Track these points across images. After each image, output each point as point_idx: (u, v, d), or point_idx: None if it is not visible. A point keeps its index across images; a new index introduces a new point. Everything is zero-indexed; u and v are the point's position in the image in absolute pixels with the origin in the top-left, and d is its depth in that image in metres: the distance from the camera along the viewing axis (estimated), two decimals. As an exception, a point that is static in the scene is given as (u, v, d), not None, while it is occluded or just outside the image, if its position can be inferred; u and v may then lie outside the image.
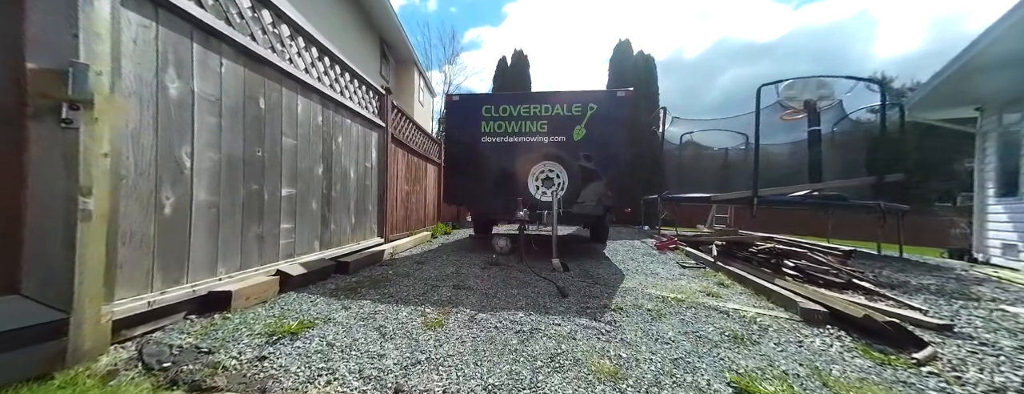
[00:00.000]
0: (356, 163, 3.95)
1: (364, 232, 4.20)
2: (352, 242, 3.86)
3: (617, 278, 3.51)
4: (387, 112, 4.69)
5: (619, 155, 4.44)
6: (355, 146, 3.91)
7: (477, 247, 5.36)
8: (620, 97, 4.44)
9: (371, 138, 4.34)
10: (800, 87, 6.88)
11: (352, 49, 8.74)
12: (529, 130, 4.58)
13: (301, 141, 2.94)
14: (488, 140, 4.64)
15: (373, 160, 4.42)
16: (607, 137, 4.43)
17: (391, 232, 5.01)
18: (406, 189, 5.84)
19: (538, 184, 4.51)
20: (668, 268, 4.17)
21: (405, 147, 5.66)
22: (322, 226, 3.28)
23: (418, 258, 4.28)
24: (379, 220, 4.61)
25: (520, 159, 4.53)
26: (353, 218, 3.89)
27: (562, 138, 4.51)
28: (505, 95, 4.76)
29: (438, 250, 5.02)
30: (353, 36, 9.28)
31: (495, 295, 2.75)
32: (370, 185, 4.34)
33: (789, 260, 4.00)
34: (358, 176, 4.00)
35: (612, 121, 4.43)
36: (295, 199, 2.89)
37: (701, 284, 3.40)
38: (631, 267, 4.17)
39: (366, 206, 4.24)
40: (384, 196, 4.69)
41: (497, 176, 4.61)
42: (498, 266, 3.89)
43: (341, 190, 3.62)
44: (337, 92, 3.52)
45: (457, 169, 4.76)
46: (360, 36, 9.73)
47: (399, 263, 3.93)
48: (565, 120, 4.51)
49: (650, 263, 4.50)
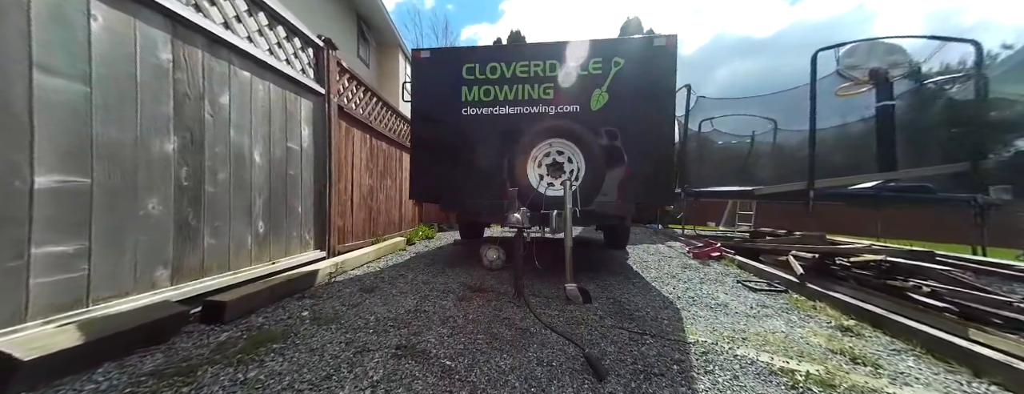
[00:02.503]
0: (266, 141, 2.61)
1: (286, 244, 2.86)
2: (257, 262, 2.52)
3: (672, 319, 2.18)
4: (328, 73, 3.33)
5: (658, 130, 3.10)
6: (262, 115, 2.57)
7: (460, 258, 4.03)
8: (659, 46, 3.10)
9: (299, 107, 2.99)
10: (864, 52, 5.53)
11: (312, 19, 7.34)
12: (529, 97, 3.23)
13: (103, 89, 1.59)
14: (471, 112, 3.30)
15: (304, 139, 3.07)
16: (640, 104, 3.09)
17: (341, 241, 3.67)
18: (369, 183, 4.50)
19: (542, 172, 3.18)
20: (734, 293, 2.84)
21: (366, 128, 4.31)
22: (179, 241, 1.94)
23: (370, 280, 2.95)
24: (318, 226, 3.27)
25: (516, 138, 3.19)
26: (260, 225, 2.55)
27: (575, 107, 3.17)
28: (495, 48, 3.42)
29: (407, 265, 3.68)
30: (317, 3, 7.90)
31: (467, 377, 1.42)
32: (297, 175, 2.99)
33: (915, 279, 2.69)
34: (271, 162, 2.66)
35: (647, 81, 3.09)
36: (85, 195, 1.55)
37: (813, 329, 2.07)
38: (679, 291, 2.84)
39: (290, 206, 2.89)
40: (326, 192, 3.34)
41: (483, 162, 3.27)
42: (483, 295, 2.56)
43: (229, 182, 2.28)
44: (204, 16, 2.17)
45: (427, 154, 3.41)
46: (324, 3, 8.33)
47: (336, 291, 2.60)
48: (579, 81, 3.17)
49: (700, 283, 3.17)
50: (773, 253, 3.63)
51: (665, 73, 3.09)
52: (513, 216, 2.52)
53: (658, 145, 3.09)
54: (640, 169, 3.09)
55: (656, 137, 3.09)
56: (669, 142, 3.12)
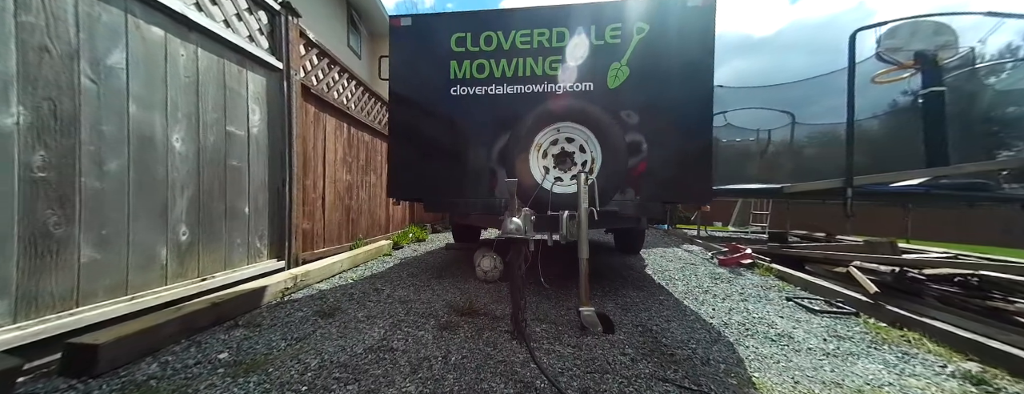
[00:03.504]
0: (191, 123, 2.02)
1: (226, 255, 2.27)
2: (177, 280, 1.93)
3: (728, 360, 1.58)
4: (287, 44, 2.74)
5: (692, 113, 2.50)
6: (185, 88, 1.97)
7: (451, 266, 3.44)
8: (693, 7, 2.50)
9: (245, 82, 2.40)
10: (907, 33, 4.92)
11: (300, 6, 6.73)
12: (531, 73, 2.63)
13: None
14: (462, 92, 2.70)
15: (253, 123, 2.48)
16: (669, 81, 2.49)
17: (308, 248, 3.08)
18: (347, 179, 3.91)
19: (548, 164, 2.58)
20: (790, 315, 2.25)
21: (343, 115, 3.72)
22: (29, 259, 1.35)
23: (335, 298, 2.36)
24: (274, 230, 2.68)
25: (516, 123, 2.59)
26: (183, 231, 1.96)
27: (588, 85, 2.57)
28: (490, 14, 2.81)
29: (387, 275, 3.09)
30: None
31: None
32: (243, 168, 2.40)
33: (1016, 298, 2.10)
34: (201, 149, 2.07)
35: (678, 52, 2.49)
36: None
37: (929, 380, 1.48)
38: (722, 313, 2.25)
39: (233, 206, 2.30)
40: (286, 189, 2.75)
41: (476, 152, 2.68)
42: (473, 319, 1.97)
43: (126, 175, 1.69)
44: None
45: (408, 143, 2.81)
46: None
47: (284, 315, 2.01)
48: (593, 53, 2.57)
49: (742, 300, 2.58)
50: (826, 263, 3.03)
51: (701, 42, 2.49)
52: (511, 222, 1.91)
53: (693, 131, 2.49)
54: (670, 161, 2.49)
55: (690, 121, 2.49)
56: (706, 128, 2.52)
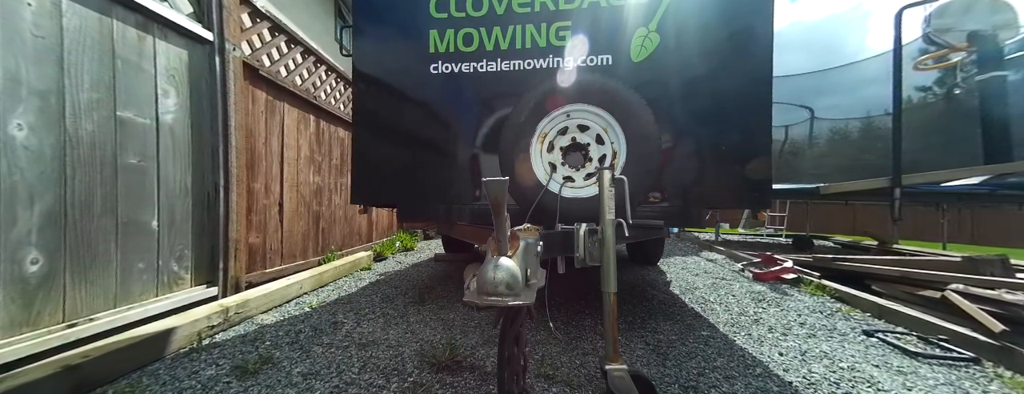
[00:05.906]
0: (58, 105, 1.42)
1: (118, 287, 1.67)
2: (20, 330, 1.33)
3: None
4: (220, 10, 2.14)
5: (743, 93, 1.91)
6: (38, 54, 1.38)
7: (436, 285, 2.82)
8: (745, -48, 1.90)
9: (152, 54, 1.80)
10: (959, 11, 4.33)
11: None
12: (533, 44, 2.04)
13: None
14: (444, 69, 2.10)
15: (165, 109, 1.88)
16: (712, 52, 1.90)
17: (258, 266, 2.48)
18: (315, 182, 3.31)
19: (555, 160, 1.98)
20: (885, 363, 1.63)
21: (306, 105, 3.12)
22: None
23: (271, 340, 1.75)
24: (201, 248, 2.07)
25: (513, 106, 1.99)
26: (31, 259, 1.36)
27: (606, 58, 1.97)
28: (478, -30, 2.22)
29: (353, 300, 2.48)
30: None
31: None
32: (150, 168, 1.80)
33: None
34: (69, 142, 1.46)
35: (724, 14, 1.90)
36: None
37: None
38: (791, 360, 1.64)
39: (130, 220, 1.70)
40: (221, 195, 2.15)
41: (462, 146, 2.08)
42: (451, 381, 1.36)
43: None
44: None
45: (376, 134, 2.21)
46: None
47: (186, 372, 1.39)
48: (611, 17, 1.98)
49: (809, 336, 1.98)
50: (902, 283, 2.42)
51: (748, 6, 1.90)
52: (494, 269, 0.80)
53: (747, 117, 1.90)
54: (715, 156, 1.90)
55: (743, 105, 1.90)
56: (765, 114, 1.92)
